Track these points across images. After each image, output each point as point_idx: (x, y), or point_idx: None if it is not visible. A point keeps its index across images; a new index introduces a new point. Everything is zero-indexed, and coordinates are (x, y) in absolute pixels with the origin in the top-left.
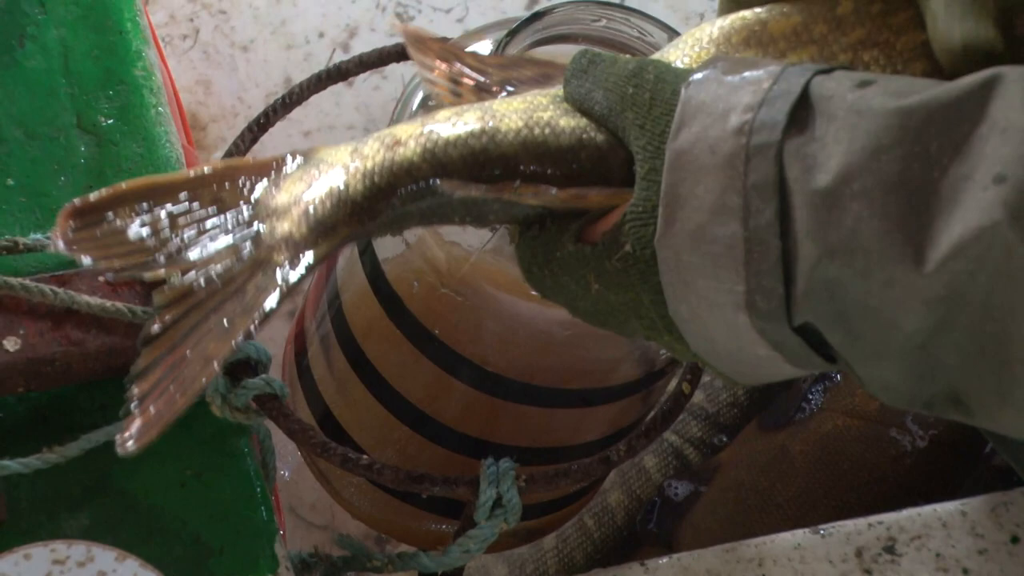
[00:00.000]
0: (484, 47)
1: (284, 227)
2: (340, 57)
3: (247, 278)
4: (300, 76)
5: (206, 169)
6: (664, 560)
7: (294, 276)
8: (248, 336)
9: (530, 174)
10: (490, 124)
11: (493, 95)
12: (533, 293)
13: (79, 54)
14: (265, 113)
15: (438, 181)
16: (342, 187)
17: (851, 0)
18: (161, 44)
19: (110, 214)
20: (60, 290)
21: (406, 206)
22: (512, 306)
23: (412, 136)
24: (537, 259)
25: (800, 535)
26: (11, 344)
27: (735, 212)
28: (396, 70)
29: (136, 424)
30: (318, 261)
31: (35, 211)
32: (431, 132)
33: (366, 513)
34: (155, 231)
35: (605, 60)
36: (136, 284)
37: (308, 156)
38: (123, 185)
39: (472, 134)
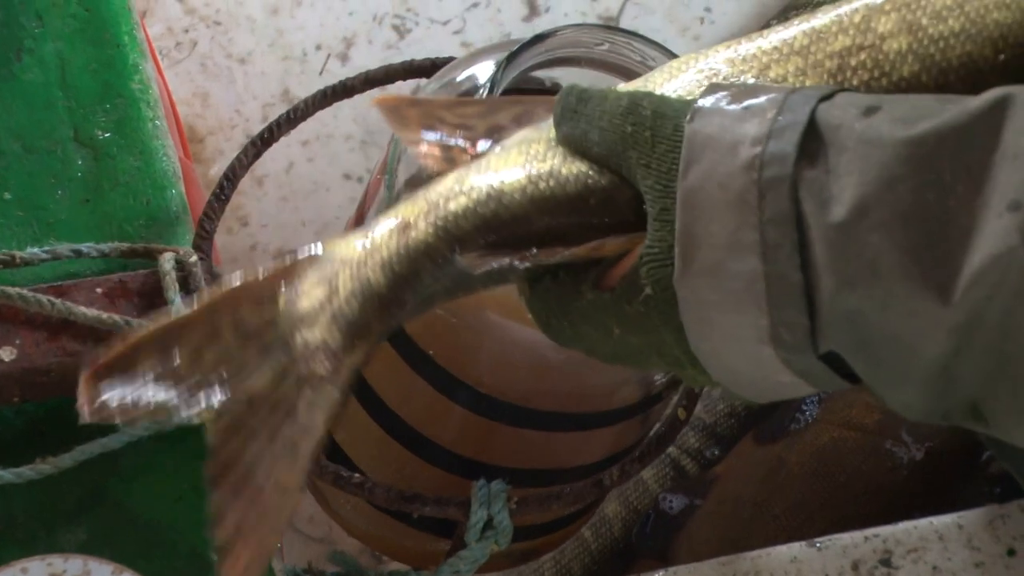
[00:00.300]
0: (486, 68)
1: (316, 336)
2: (335, 68)
3: (295, 396)
4: (297, 88)
5: (216, 297)
6: (659, 574)
7: (341, 384)
8: (316, 456)
9: (544, 227)
10: (494, 186)
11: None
12: (529, 316)
13: (76, 67)
14: (269, 128)
15: (457, 256)
16: (364, 283)
17: (831, 11)
18: (158, 56)
19: (133, 364)
20: (57, 301)
21: (430, 288)
22: (508, 330)
23: (420, 215)
24: (554, 311)
25: (796, 548)
26: (7, 354)
27: (753, 248)
28: (399, 85)
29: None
30: (359, 364)
31: (32, 224)
32: (438, 207)
33: (361, 530)
34: (183, 374)
35: (594, 97)
36: (132, 296)
37: (320, 257)
38: (137, 335)
39: (479, 202)
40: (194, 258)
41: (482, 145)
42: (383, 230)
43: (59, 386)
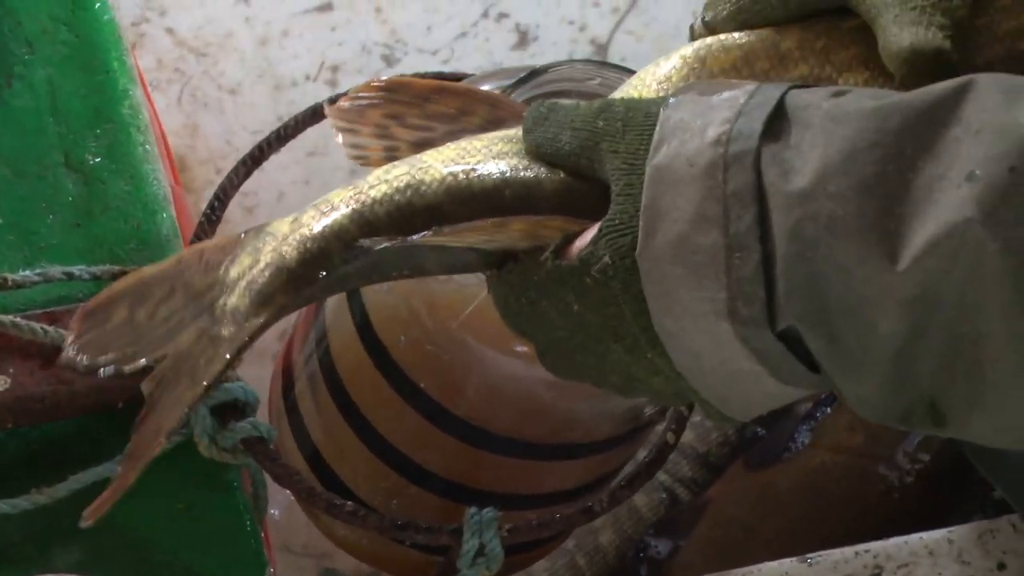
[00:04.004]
0: None
1: (232, 301)
2: (325, 98)
3: (199, 354)
4: (288, 118)
5: (177, 259)
6: None
7: (235, 347)
8: (192, 405)
9: (457, 220)
10: (416, 177)
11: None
12: (518, 349)
13: (66, 93)
14: (259, 147)
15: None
16: (279, 256)
17: (795, 36)
18: (148, 88)
19: (110, 312)
20: (50, 328)
21: (340, 268)
22: (497, 362)
23: (343, 200)
24: (514, 289)
25: (788, 564)
26: (0, 383)
27: (715, 221)
28: None
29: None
30: (259, 330)
31: (24, 248)
32: (359, 193)
33: (356, 546)
34: (138, 324)
35: (565, 106)
36: None
37: (259, 230)
38: (114, 286)
39: (398, 189)
40: None
41: None
42: (311, 211)
43: (52, 412)
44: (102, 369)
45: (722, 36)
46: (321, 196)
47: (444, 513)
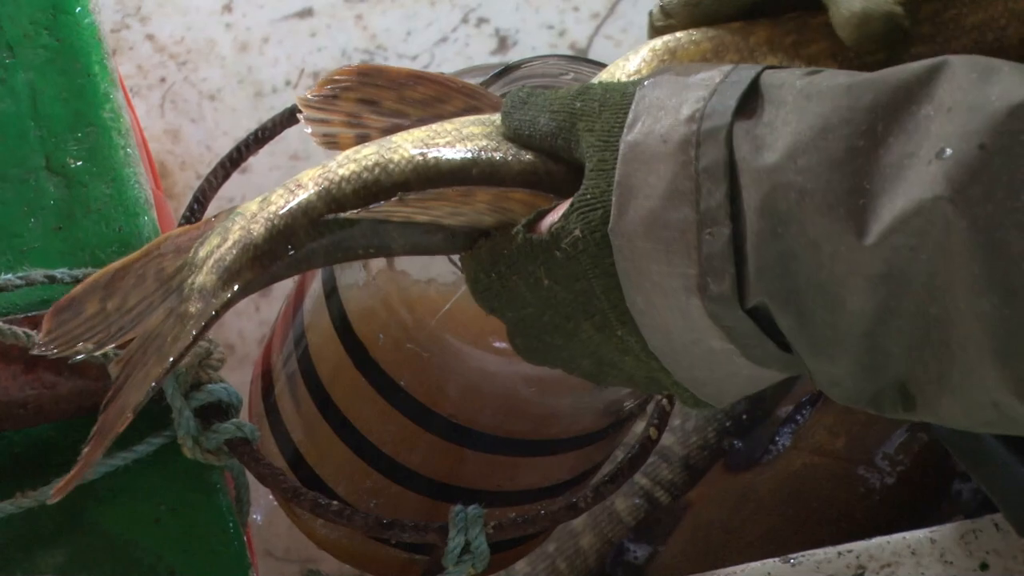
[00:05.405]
0: None
1: (200, 279)
2: None
3: (168, 332)
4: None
5: (149, 246)
6: None
7: (201, 322)
8: (159, 381)
9: None
10: (384, 156)
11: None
12: (498, 346)
13: (48, 97)
14: (237, 148)
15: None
16: (246, 233)
17: (764, 31)
18: (129, 94)
19: (82, 306)
20: (33, 332)
21: (307, 245)
22: (478, 361)
23: (312, 178)
24: (484, 265)
25: (770, 564)
26: None
27: (687, 196)
28: None
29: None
30: (226, 306)
31: (6, 252)
32: (328, 172)
33: (338, 547)
34: (109, 313)
35: (543, 93)
36: None
37: (230, 211)
38: (87, 279)
39: (366, 168)
40: None
41: None
42: (280, 190)
43: (36, 417)
44: (74, 357)
45: (692, 30)
46: None
47: (426, 512)
